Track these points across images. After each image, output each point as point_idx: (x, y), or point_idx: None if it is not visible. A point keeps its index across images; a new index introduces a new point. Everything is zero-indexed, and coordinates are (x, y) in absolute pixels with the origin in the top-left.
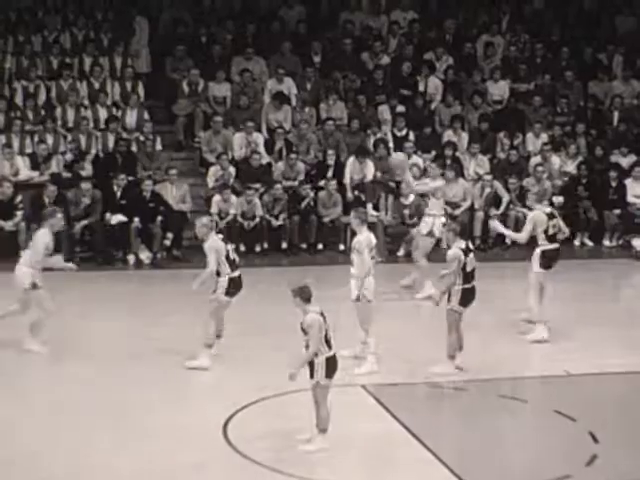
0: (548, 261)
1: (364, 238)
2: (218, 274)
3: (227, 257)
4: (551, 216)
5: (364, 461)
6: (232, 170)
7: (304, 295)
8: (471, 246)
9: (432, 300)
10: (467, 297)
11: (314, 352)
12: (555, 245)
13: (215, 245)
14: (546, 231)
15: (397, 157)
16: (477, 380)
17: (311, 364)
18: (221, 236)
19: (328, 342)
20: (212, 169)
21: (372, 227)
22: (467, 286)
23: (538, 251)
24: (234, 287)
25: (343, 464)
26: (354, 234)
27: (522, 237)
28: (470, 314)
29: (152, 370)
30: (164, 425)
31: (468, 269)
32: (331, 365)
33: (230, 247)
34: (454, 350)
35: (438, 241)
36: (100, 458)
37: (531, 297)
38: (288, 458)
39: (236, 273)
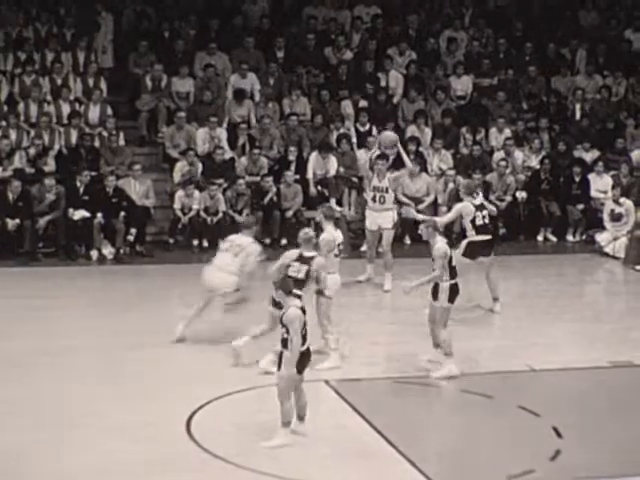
0: (474, 252)
1: (328, 235)
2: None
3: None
4: (480, 208)
5: (328, 457)
6: (199, 165)
7: (285, 287)
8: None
9: (404, 288)
10: (455, 293)
11: (298, 346)
12: (484, 237)
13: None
14: (473, 222)
15: (389, 136)
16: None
17: (281, 357)
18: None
19: (304, 337)
20: (178, 164)
21: (335, 223)
22: (453, 282)
23: (465, 242)
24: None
25: (307, 459)
26: (317, 229)
27: (441, 221)
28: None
29: (115, 366)
30: (127, 421)
31: (454, 264)
32: (303, 360)
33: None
34: (449, 347)
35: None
36: (63, 456)
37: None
38: (253, 454)
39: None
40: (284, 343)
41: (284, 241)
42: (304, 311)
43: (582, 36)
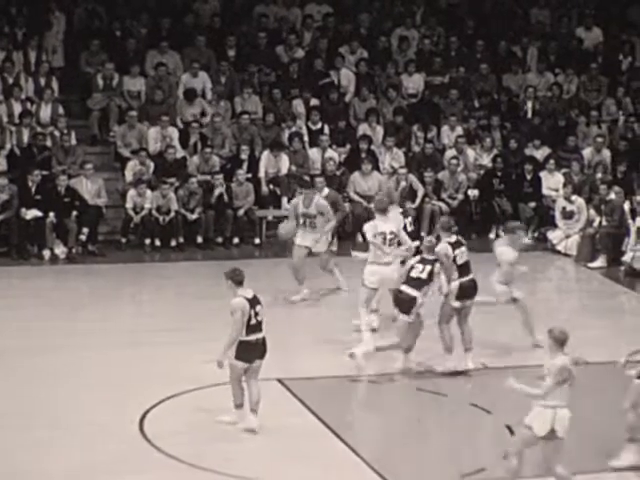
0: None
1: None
2: None
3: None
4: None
5: (280, 454)
6: (151, 165)
7: (236, 278)
8: (462, 239)
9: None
10: (464, 291)
11: (234, 335)
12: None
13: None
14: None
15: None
16: (394, 373)
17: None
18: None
19: (250, 326)
20: (130, 164)
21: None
22: (463, 279)
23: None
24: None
25: (260, 459)
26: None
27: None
28: (385, 306)
29: (67, 365)
30: (79, 421)
31: (459, 262)
32: (245, 349)
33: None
34: (449, 342)
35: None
36: (15, 458)
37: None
38: (206, 453)
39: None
40: None
41: (236, 240)
42: (255, 302)
43: (533, 34)
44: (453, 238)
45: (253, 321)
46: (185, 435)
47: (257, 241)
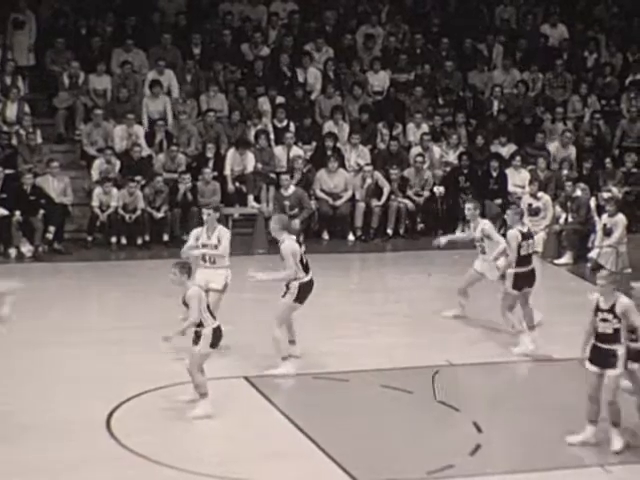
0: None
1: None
2: (200, 324)
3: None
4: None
5: (247, 452)
6: (117, 163)
7: (184, 269)
8: (532, 232)
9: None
10: (521, 281)
11: (194, 322)
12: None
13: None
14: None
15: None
16: (360, 370)
17: (197, 334)
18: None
19: (212, 313)
20: (96, 162)
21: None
22: (520, 270)
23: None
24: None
25: (226, 456)
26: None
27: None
28: (351, 304)
29: (34, 363)
30: (46, 418)
31: (522, 253)
32: (217, 335)
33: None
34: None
35: None
36: None
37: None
38: (173, 450)
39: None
40: (199, 322)
41: None
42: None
43: (499, 31)
44: (525, 228)
45: (211, 308)
46: (153, 433)
47: None
